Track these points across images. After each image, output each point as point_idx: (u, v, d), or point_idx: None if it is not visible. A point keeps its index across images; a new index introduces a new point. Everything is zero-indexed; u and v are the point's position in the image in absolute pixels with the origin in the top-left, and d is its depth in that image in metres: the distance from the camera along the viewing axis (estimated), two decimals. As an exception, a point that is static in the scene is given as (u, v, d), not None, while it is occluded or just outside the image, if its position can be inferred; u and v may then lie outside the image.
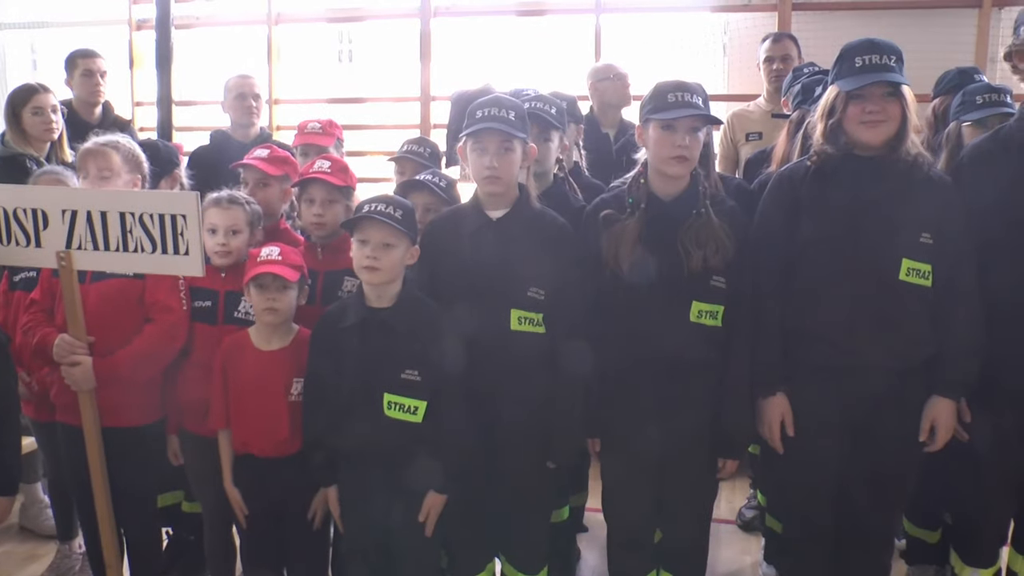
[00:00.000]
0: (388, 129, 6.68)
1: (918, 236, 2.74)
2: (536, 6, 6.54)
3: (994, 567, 3.07)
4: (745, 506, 4.38)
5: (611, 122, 4.74)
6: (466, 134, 2.85)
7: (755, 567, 3.90)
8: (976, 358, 2.79)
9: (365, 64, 7.53)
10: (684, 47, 6.43)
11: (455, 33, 6.79)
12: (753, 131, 4.70)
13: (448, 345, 2.79)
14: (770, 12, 5.85)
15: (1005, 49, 2.95)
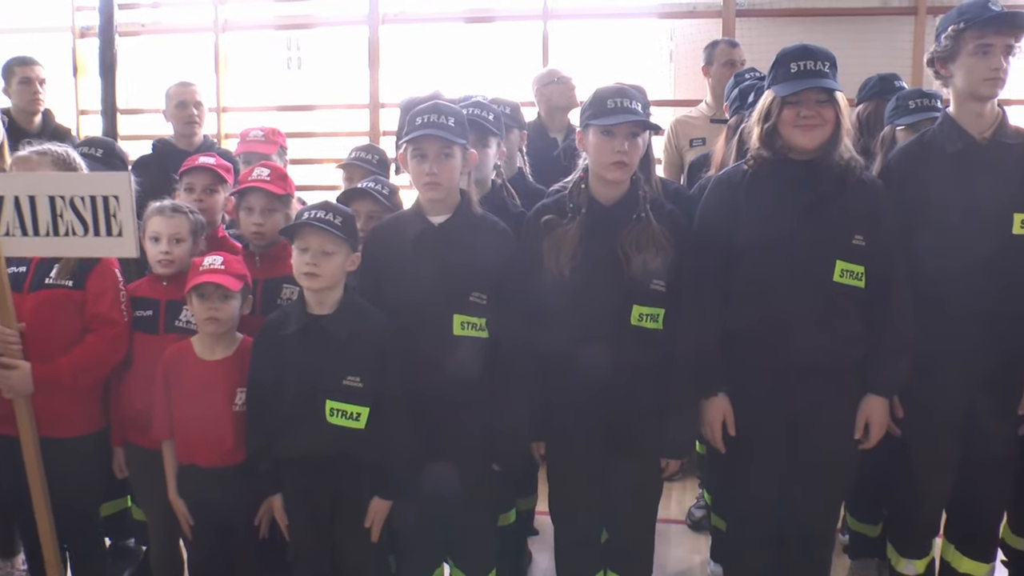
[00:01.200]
0: (337, 136, 6.68)
1: (851, 238, 2.80)
2: (484, 13, 6.58)
3: (927, 557, 3.15)
4: (694, 506, 4.43)
5: (558, 127, 4.78)
6: (405, 140, 2.87)
7: (704, 565, 3.95)
8: (907, 356, 2.86)
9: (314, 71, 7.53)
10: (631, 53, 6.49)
11: (404, 40, 6.81)
12: (696, 136, 4.77)
13: (390, 351, 2.81)
14: (715, 19, 5.94)
15: (927, 55, 3.02)
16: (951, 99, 3.00)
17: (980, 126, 2.91)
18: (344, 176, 3.87)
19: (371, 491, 2.86)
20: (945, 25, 2.95)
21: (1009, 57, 2.85)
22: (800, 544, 3.00)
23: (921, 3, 5.70)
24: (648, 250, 2.79)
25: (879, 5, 5.86)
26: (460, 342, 2.85)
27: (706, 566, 3.92)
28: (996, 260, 2.87)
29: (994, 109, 2.93)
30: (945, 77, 2.98)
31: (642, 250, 2.79)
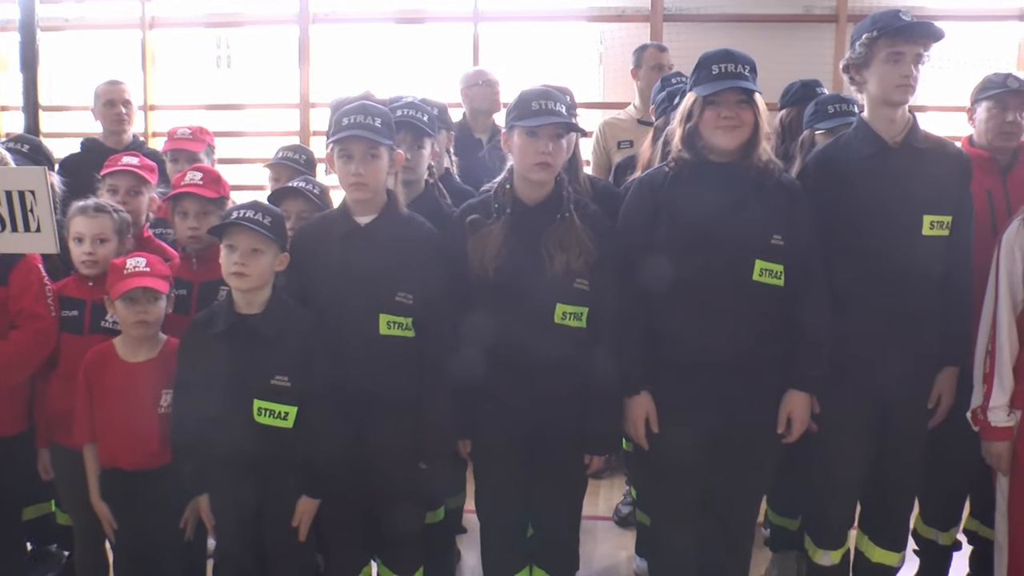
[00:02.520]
0: (267, 136, 6.63)
1: (770, 238, 2.87)
2: (415, 14, 6.60)
3: (843, 548, 3.24)
4: (621, 502, 4.50)
5: (483, 127, 4.82)
6: (332, 141, 2.88)
7: (630, 561, 4.01)
8: (826, 352, 2.95)
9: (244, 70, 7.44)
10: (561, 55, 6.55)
11: (334, 39, 6.79)
12: (624, 139, 4.84)
13: (318, 350, 2.82)
14: (643, 23, 6.02)
15: (843, 62, 3.11)
16: (865, 105, 3.08)
17: (892, 131, 3.01)
18: (271, 176, 3.86)
19: (298, 490, 2.87)
20: (859, 33, 3.03)
21: (919, 65, 2.95)
22: (722, 538, 3.07)
23: (842, 11, 5.85)
24: (571, 249, 2.85)
25: (802, 12, 6.01)
26: (386, 341, 2.88)
27: (632, 561, 3.99)
28: (907, 260, 2.97)
29: (905, 115, 3.03)
30: (859, 83, 3.06)
31: (565, 249, 2.84)
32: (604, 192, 3.42)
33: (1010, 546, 3.05)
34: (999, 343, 2.95)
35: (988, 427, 2.99)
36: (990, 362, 2.98)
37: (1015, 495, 3.02)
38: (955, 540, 3.63)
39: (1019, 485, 3.00)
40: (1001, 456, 3.00)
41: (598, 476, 4.83)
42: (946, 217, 3.00)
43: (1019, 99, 3.41)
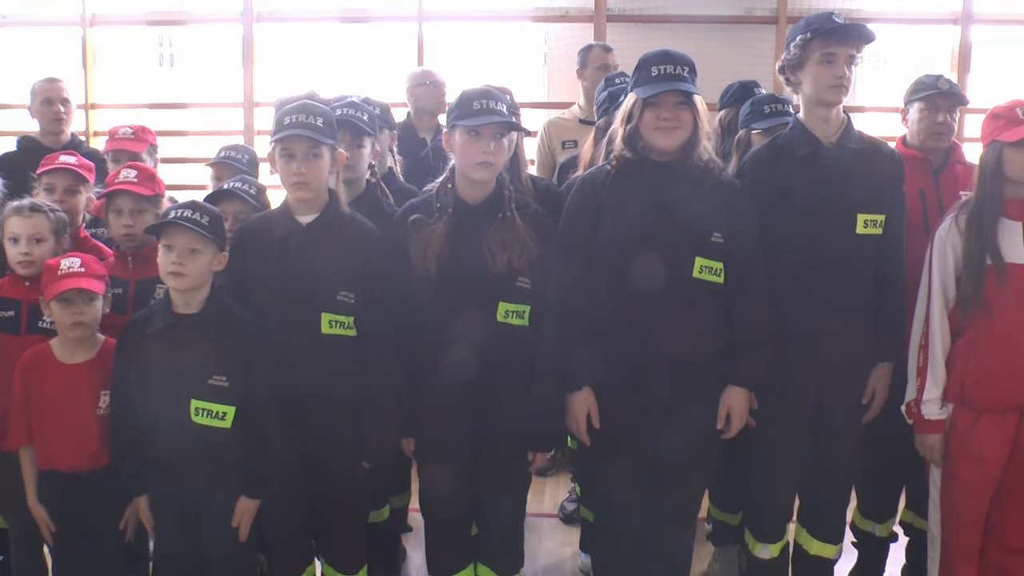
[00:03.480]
0: (211, 135, 6.56)
1: (710, 236, 2.91)
2: (360, 13, 6.57)
3: (782, 541, 3.29)
4: (567, 499, 4.52)
5: (428, 127, 4.83)
6: (273, 140, 2.88)
7: (575, 557, 4.04)
8: (765, 349, 3.00)
9: (187, 69, 7.36)
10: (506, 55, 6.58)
11: (279, 38, 6.75)
12: (568, 138, 4.87)
13: (258, 350, 2.81)
14: (587, 23, 6.05)
15: (778, 63, 3.16)
16: (801, 105, 3.13)
17: (827, 131, 3.06)
18: (213, 175, 3.84)
19: (239, 490, 2.86)
20: (794, 35, 3.08)
21: (852, 66, 3.00)
22: (664, 533, 3.10)
23: (782, 13, 5.93)
24: (513, 248, 2.87)
25: (743, 14, 6.08)
26: (328, 340, 2.87)
27: (577, 557, 4.02)
28: (842, 258, 3.02)
29: (840, 115, 3.08)
30: (795, 84, 3.11)
31: (507, 248, 2.86)
32: (546, 191, 3.45)
33: (942, 536, 3.13)
34: (932, 338, 3.03)
35: (921, 420, 3.06)
36: (923, 357, 3.05)
37: (947, 486, 3.10)
38: (891, 532, 3.71)
39: (951, 477, 3.08)
40: (934, 448, 3.08)
41: (544, 473, 4.88)
42: (879, 216, 3.06)
43: (950, 100, 3.49)
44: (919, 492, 3.41)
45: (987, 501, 3.06)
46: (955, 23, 6.04)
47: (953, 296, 3.01)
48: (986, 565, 3.12)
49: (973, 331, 2.98)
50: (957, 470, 3.05)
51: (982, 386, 2.97)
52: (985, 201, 2.97)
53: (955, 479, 3.06)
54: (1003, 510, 3.06)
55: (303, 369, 2.85)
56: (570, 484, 4.61)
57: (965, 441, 3.02)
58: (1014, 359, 2.93)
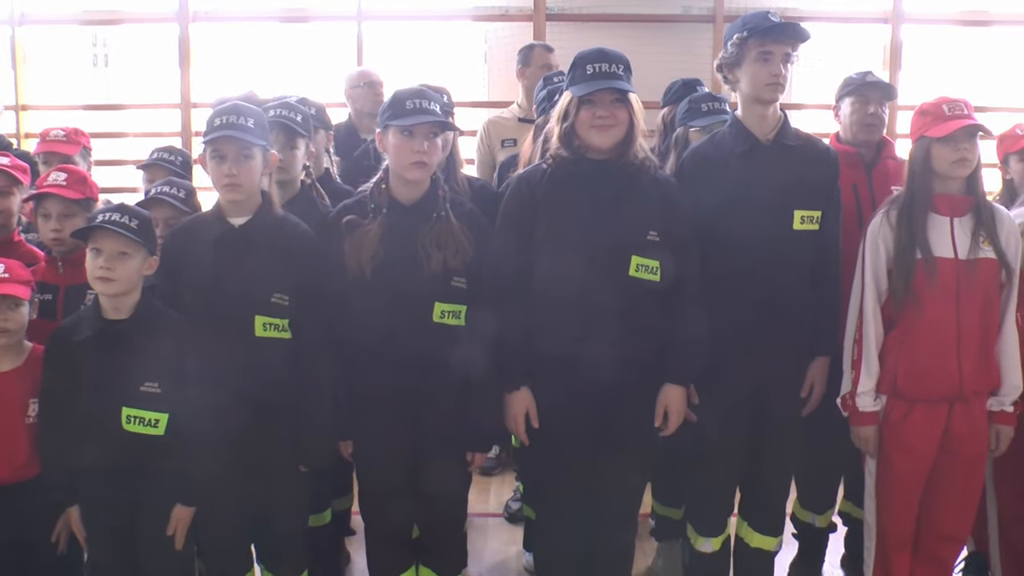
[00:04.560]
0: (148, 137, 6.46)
1: (646, 234, 2.92)
2: (299, 13, 6.51)
3: (723, 535, 3.31)
4: (511, 498, 4.52)
5: (369, 128, 4.78)
6: (204, 142, 2.84)
7: (520, 556, 4.03)
8: (702, 346, 3.01)
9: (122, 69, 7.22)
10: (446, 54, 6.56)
11: (216, 38, 6.66)
12: (508, 137, 4.87)
13: (190, 355, 2.77)
14: (526, 22, 6.06)
15: (716, 62, 3.18)
16: (738, 103, 3.16)
17: (764, 128, 3.09)
18: (145, 177, 3.77)
19: (174, 497, 2.81)
20: (731, 33, 3.11)
21: (788, 64, 3.03)
22: (605, 529, 3.10)
23: (719, 12, 5.99)
24: (448, 248, 2.86)
25: (681, 12, 6.13)
26: (263, 343, 2.84)
27: (522, 556, 4.01)
28: (779, 253, 3.06)
29: (776, 112, 3.11)
30: (732, 82, 3.13)
31: (442, 248, 2.85)
32: (482, 191, 3.45)
33: (877, 525, 3.19)
34: (865, 331, 3.07)
35: (856, 412, 3.11)
36: (857, 350, 3.09)
37: (881, 476, 3.16)
38: (831, 522, 3.77)
39: (885, 467, 3.13)
40: (869, 440, 3.13)
41: (489, 473, 4.88)
42: (816, 212, 3.09)
43: (879, 92, 3.55)
44: (856, 483, 3.46)
45: (920, 490, 3.12)
46: (886, 22, 6.15)
47: (885, 290, 3.06)
48: (919, 552, 3.19)
49: (904, 324, 3.04)
50: (891, 460, 3.11)
51: (913, 378, 3.03)
52: (914, 196, 3.02)
53: (889, 469, 3.12)
54: (935, 498, 3.13)
55: (237, 373, 2.81)
56: (515, 483, 4.61)
57: (898, 432, 3.08)
58: (943, 351, 2.99)
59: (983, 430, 3.09)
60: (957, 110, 2.97)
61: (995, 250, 2.99)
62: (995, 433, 3.11)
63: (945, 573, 3.27)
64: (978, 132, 2.98)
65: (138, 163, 3.96)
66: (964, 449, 3.07)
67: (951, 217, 3.01)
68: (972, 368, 3.01)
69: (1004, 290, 3.05)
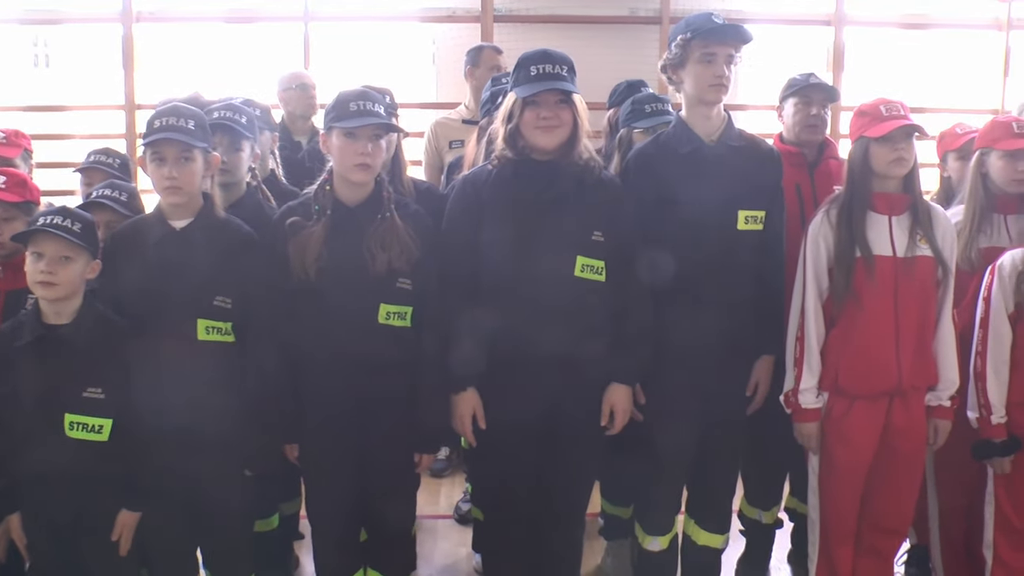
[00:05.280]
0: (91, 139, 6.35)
1: (591, 234, 2.94)
2: (245, 14, 6.45)
3: (671, 533, 3.34)
4: (461, 500, 4.52)
5: (302, 130, 4.78)
6: (144, 144, 2.81)
7: (471, 557, 4.03)
8: (648, 346, 3.04)
9: (64, 70, 7.11)
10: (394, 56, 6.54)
11: (160, 39, 6.58)
12: (455, 138, 4.86)
13: (134, 359, 2.74)
14: (474, 23, 6.06)
15: (660, 63, 3.21)
16: (683, 104, 3.18)
17: (708, 129, 3.12)
18: (83, 180, 3.72)
19: (118, 503, 2.78)
20: (675, 35, 3.13)
21: (731, 65, 3.07)
22: (553, 529, 3.12)
23: (665, 13, 6.04)
24: (393, 249, 2.85)
25: (627, 14, 6.17)
26: (206, 347, 2.82)
27: (472, 558, 4.02)
28: (723, 253, 3.09)
29: (720, 113, 3.14)
30: (677, 83, 3.16)
31: (387, 249, 2.85)
32: (427, 193, 3.45)
33: (820, 519, 3.23)
34: (807, 329, 3.11)
35: (798, 409, 3.15)
36: (799, 347, 3.13)
37: (824, 472, 3.20)
38: (777, 518, 3.82)
39: (827, 463, 3.18)
40: (811, 436, 3.17)
41: (439, 474, 4.87)
42: (760, 212, 3.13)
43: (821, 93, 3.61)
44: (802, 479, 3.50)
45: (861, 485, 3.17)
46: (829, 24, 6.24)
47: (826, 288, 3.11)
48: (861, 546, 3.25)
49: (845, 322, 3.08)
50: (833, 456, 3.15)
51: (854, 374, 3.08)
52: (854, 195, 3.07)
53: (831, 465, 3.17)
54: (875, 493, 3.18)
55: (181, 377, 2.78)
56: (465, 484, 4.61)
57: (839, 428, 3.12)
58: (882, 348, 3.05)
59: (922, 425, 3.15)
60: (894, 111, 3.03)
61: (932, 248, 3.05)
62: (933, 427, 3.17)
63: (886, 566, 3.32)
64: (915, 132, 3.04)
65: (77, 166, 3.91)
66: (903, 444, 3.12)
67: (889, 216, 3.06)
68: (910, 364, 3.06)
69: (940, 287, 3.11)
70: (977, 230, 3.33)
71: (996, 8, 6.31)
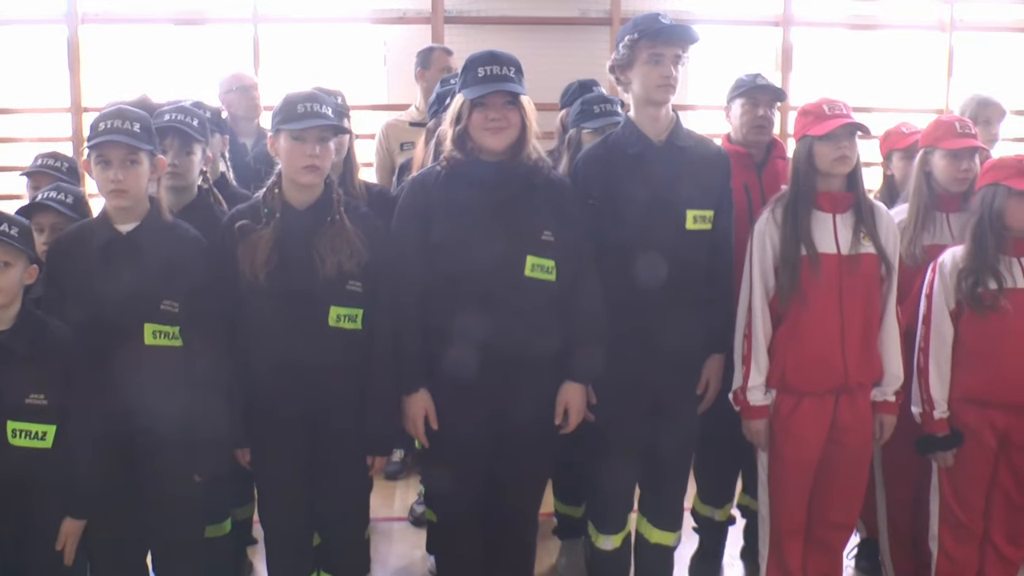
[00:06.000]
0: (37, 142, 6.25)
1: (540, 234, 2.95)
2: (194, 15, 6.39)
3: (623, 532, 3.35)
4: (416, 502, 4.50)
5: (246, 132, 4.74)
6: (88, 146, 2.78)
7: (426, 560, 4.02)
8: (600, 345, 3.05)
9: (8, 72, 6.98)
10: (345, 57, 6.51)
11: (107, 41, 6.49)
12: (407, 140, 4.85)
13: (77, 364, 2.70)
14: (424, 25, 6.05)
15: (609, 64, 3.22)
16: (631, 104, 3.20)
17: (656, 129, 3.13)
18: (29, 184, 3.66)
19: (63, 511, 2.74)
20: (622, 36, 3.14)
21: (678, 66, 3.08)
22: (506, 529, 3.13)
23: (616, 15, 6.07)
24: (343, 251, 2.84)
25: (578, 15, 6.19)
26: (153, 352, 2.79)
27: (427, 560, 4.01)
28: (673, 253, 3.10)
29: (668, 113, 3.15)
30: (625, 84, 3.17)
31: (337, 252, 2.83)
32: (379, 196, 3.44)
33: (770, 515, 3.27)
34: (754, 327, 3.15)
35: (747, 406, 3.18)
36: (747, 345, 3.17)
37: (773, 468, 3.24)
38: (730, 515, 3.85)
39: (776, 459, 3.22)
40: (759, 433, 3.20)
41: (393, 477, 4.86)
42: (708, 211, 3.15)
43: (768, 94, 3.65)
44: (754, 476, 3.53)
45: (809, 480, 3.21)
46: (778, 25, 6.32)
47: (773, 286, 3.14)
48: (811, 540, 3.29)
49: (791, 319, 3.12)
50: (781, 452, 3.19)
51: (801, 371, 3.12)
52: (799, 194, 3.11)
53: (780, 461, 3.20)
54: (824, 488, 3.22)
55: (127, 381, 2.75)
56: (419, 486, 4.60)
57: (787, 425, 3.16)
58: (828, 345, 3.09)
59: (868, 420, 3.20)
60: (837, 110, 3.08)
61: (875, 246, 3.10)
62: (879, 423, 3.22)
63: (835, 559, 3.37)
64: (857, 131, 3.08)
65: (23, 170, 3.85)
66: (850, 439, 3.17)
67: (833, 214, 3.11)
68: (856, 361, 3.11)
69: (884, 284, 3.16)
70: (921, 228, 3.39)
71: (939, 10, 6.43)
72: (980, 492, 3.27)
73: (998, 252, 3.15)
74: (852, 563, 3.85)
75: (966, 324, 3.19)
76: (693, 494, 3.80)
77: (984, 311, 3.13)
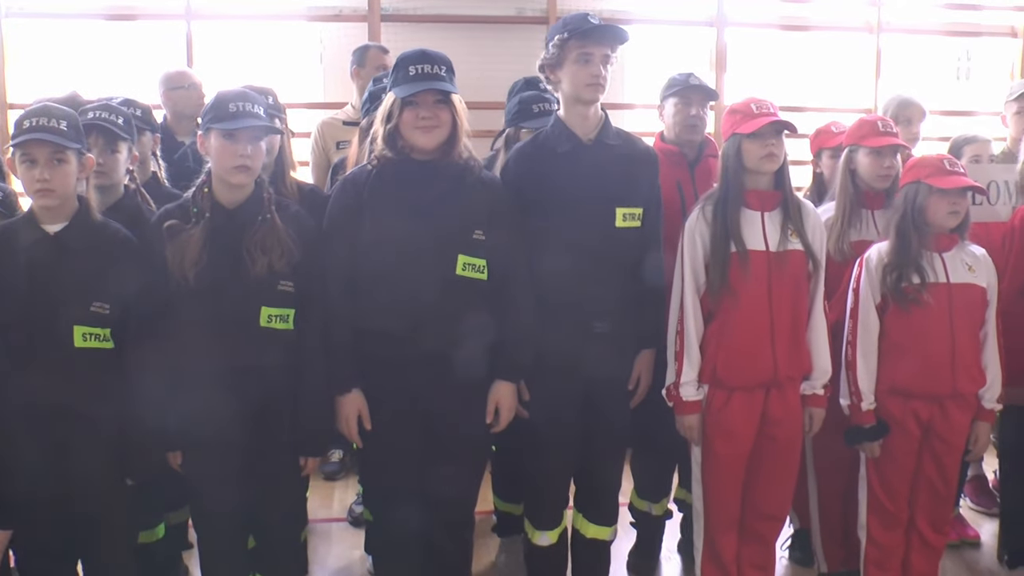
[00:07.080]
0: (-38, 140, 6.11)
1: (471, 233, 2.97)
2: (125, 11, 6.26)
3: (560, 527, 3.38)
4: (355, 502, 4.49)
5: (187, 130, 4.67)
6: (12, 145, 2.72)
7: (364, 560, 4.01)
8: (531, 342, 3.08)
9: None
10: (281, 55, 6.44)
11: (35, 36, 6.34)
12: (343, 139, 4.82)
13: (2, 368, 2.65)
14: (361, 23, 6.02)
15: (539, 62, 3.24)
16: (561, 103, 3.23)
17: (586, 128, 3.16)
18: (-45, 184, 3.57)
19: None
20: (552, 35, 3.16)
21: (607, 65, 3.11)
22: (442, 528, 3.12)
23: (552, 14, 6.07)
24: (274, 251, 2.82)
25: (515, 14, 6.19)
26: (83, 354, 2.74)
27: (366, 560, 4.00)
28: (603, 251, 3.14)
29: (598, 112, 3.18)
30: (555, 83, 3.19)
31: (267, 251, 2.82)
32: (312, 195, 3.42)
33: (704, 508, 3.32)
34: (686, 323, 3.19)
35: (680, 402, 3.23)
36: (679, 341, 3.21)
37: (706, 462, 3.29)
38: (667, 510, 3.90)
39: (709, 453, 3.27)
40: (693, 428, 3.25)
41: (332, 478, 4.84)
42: (637, 209, 3.18)
43: (700, 94, 3.70)
44: (689, 470, 3.58)
45: (742, 473, 3.27)
46: (712, 26, 6.38)
47: (703, 282, 3.19)
48: (744, 532, 3.35)
49: (722, 315, 3.18)
50: (714, 446, 3.25)
51: (731, 366, 3.17)
52: (728, 192, 3.17)
53: (712, 455, 3.26)
54: (756, 480, 3.29)
55: (55, 385, 2.70)
56: (359, 487, 4.59)
57: (719, 419, 3.21)
58: (758, 340, 3.15)
59: (798, 413, 3.27)
60: (764, 108, 3.14)
61: (802, 242, 3.17)
62: (808, 415, 3.30)
63: (768, 550, 3.43)
64: (784, 129, 3.14)
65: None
66: (781, 432, 3.24)
67: (762, 211, 3.17)
68: (785, 355, 3.17)
69: (812, 280, 3.23)
70: (848, 224, 3.47)
71: (868, 12, 6.55)
72: (905, 481, 3.36)
73: (920, 247, 3.24)
74: (786, 554, 3.92)
75: (891, 318, 3.28)
76: (630, 489, 3.84)
77: (908, 304, 3.22)
